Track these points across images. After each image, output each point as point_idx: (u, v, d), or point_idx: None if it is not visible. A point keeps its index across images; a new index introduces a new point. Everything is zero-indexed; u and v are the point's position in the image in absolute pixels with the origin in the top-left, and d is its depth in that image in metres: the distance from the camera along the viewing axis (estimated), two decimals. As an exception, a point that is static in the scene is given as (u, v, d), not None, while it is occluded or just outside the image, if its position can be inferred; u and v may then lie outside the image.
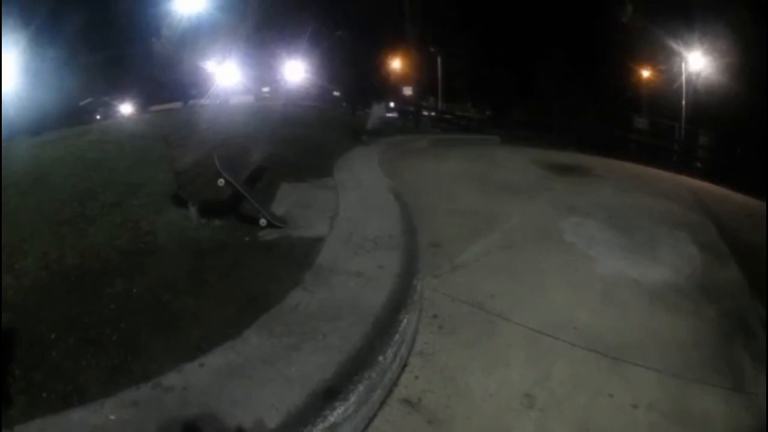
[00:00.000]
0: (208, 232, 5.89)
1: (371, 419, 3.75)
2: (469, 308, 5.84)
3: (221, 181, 6.06)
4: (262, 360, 3.45)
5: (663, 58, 38.55)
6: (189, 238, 5.71)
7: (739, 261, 8.53)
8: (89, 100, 24.87)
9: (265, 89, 29.57)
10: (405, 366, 4.56)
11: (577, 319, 6.21)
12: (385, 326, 4.16)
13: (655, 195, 11.89)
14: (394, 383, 4.27)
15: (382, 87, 43.56)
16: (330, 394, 3.19)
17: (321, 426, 3.01)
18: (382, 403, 3.97)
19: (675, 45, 36.35)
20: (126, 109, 23.25)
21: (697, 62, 36.31)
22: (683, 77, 36.26)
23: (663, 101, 38.07)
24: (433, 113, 36.18)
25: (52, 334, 3.94)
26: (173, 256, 5.26)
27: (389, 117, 27.68)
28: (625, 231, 9.09)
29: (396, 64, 47.03)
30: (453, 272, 6.53)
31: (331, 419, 3.08)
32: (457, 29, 43.96)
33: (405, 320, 4.42)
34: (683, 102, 36.11)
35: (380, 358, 3.79)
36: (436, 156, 13.80)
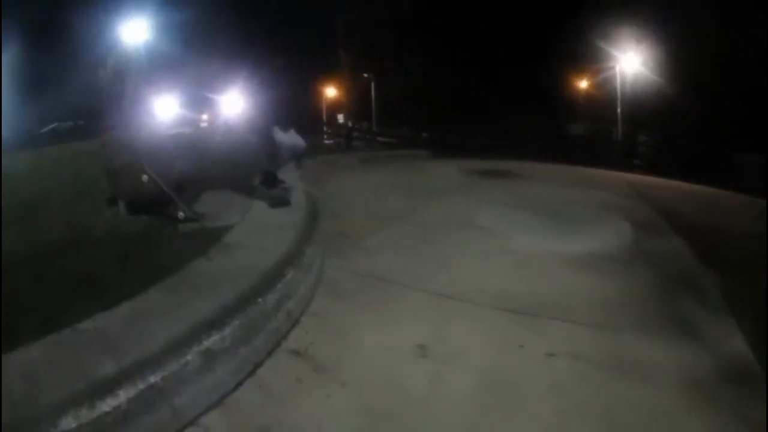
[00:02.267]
0: (135, 226, 6.21)
1: (257, 365, 3.97)
2: (370, 279, 5.93)
3: (145, 177, 6.35)
4: (160, 308, 3.76)
5: (599, 61, 39.00)
6: (119, 231, 6.03)
7: (684, 236, 8.32)
8: (53, 125, 25.18)
9: (203, 120, 29.61)
10: (297, 324, 4.68)
11: (485, 284, 6.07)
12: (270, 278, 4.46)
13: (588, 187, 11.91)
14: (284, 337, 4.43)
15: (317, 114, 43.81)
16: (208, 324, 3.51)
17: (196, 349, 3.32)
18: (270, 353, 4.16)
19: (610, 48, 36.87)
20: (83, 133, 23.34)
21: (633, 63, 36.94)
22: (618, 80, 36.91)
23: (601, 105, 38.61)
24: (367, 136, 36.30)
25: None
26: (105, 245, 5.58)
27: (326, 143, 27.88)
28: (548, 215, 8.89)
29: (331, 91, 47.05)
30: (358, 253, 6.69)
31: (206, 344, 3.38)
32: (391, 53, 44.09)
33: (290, 275, 4.70)
34: (618, 101, 36.69)
35: (259, 300, 4.09)
36: (362, 170, 13.97)
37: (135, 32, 31.80)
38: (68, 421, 2.60)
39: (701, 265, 7.23)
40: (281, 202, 6.82)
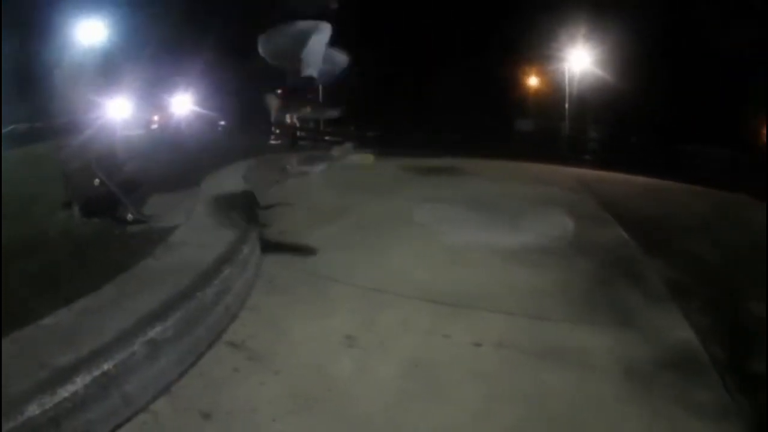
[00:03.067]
0: (88, 228, 6.40)
1: (200, 356, 4.21)
2: (304, 275, 6.07)
3: (96, 181, 6.58)
4: (112, 303, 4.00)
5: (549, 58, 38.92)
6: (73, 233, 6.22)
7: (626, 226, 8.19)
8: (10, 128, 24.91)
9: (155, 121, 29.41)
10: (235, 318, 4.92)
11: (416, 277, 6.11)
12: (208, 274, 4.71)
13: (533, 183, 11.65)
14: (224, 330, 4.66)
15: (266, 114, 42.99)
16: (152, 317, 3.77)
17: (142, 339, 3.57)
18: (210, 345, 4.39)
19: (559, 45, 36.80)
20: (39, 135, 23.10)
21: (581, 60, 36.94)
22: (566, 76, 36.95)
23: (551, 101, 38.52)
24: (315, 136, 35.95)
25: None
26: (60, 245, 5.77)
27: (273, 143, 27.77)
28: (489, 211, 8.64)
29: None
30: (295, 251, 6.79)
31: (151, 335, 3.64)
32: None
33: (227, 271, 4.94)
34: (566, 97, 36.79)
35: (198, 294, 4.34)
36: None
37: (90, 33, 31.57)
38: (33, 408, 2.84)
39: (645, 256, 7.18)
40: (223, 201, 6.72)
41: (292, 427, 3.63)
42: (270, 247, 6.75)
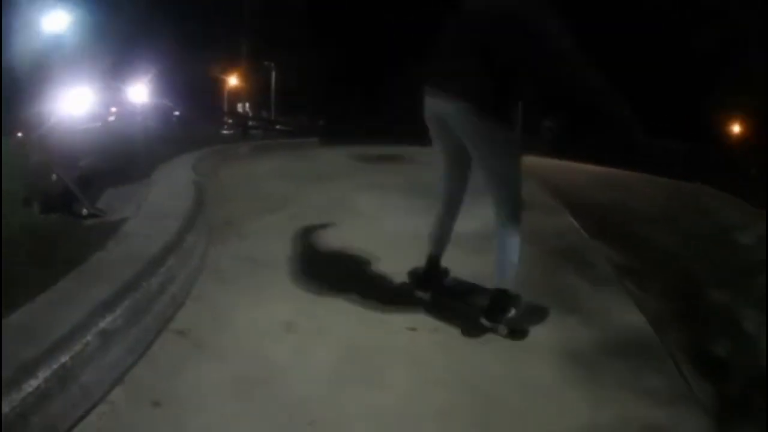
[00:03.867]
0: (47, 224, 6.51)
1: (149, 345, 4.37)
2: (249, 264, 6.24)
3: (54, 176, 6.69)
4: (68, 297, 4.13)
5: None
6: (33, 229, 6.31)
7: (576, 214, 8.24)
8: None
9: (112, 113, 29.15)
10: (181, 307, 5.09)
11: (354, 264, 6.29)
12: (153, 264, 4.84)
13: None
14: (171, 319, 4.83)
15: (219, 104, 42.72)
16: (103, 308, 3.92)
17: (94, 330, 3.70)
18: (158, 333, 4.55)
19: None
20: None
21: None
22: None
23: None
24: (266, 125, 35.77)
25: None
26: (20, 242, 5.81)
27: (224, 133, 27.66)
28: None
29: (233, 81, 45.91)
30: (240, 240, 6.98)
31: (102, 325, 3.77)
32: (291, 41, 43.11)
33: (171, 260, 5.08)
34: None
35: (143, 284, 4.48)
36: (255, 158, 14.27)
37: (50, 24, 31.16)
38: (3, 407, 2.90)
39: (595, 242, 7.24)
40: (172, 192, 6.76)
41: (236, 410, 3.82)
42: (216, 235, 6.93)
